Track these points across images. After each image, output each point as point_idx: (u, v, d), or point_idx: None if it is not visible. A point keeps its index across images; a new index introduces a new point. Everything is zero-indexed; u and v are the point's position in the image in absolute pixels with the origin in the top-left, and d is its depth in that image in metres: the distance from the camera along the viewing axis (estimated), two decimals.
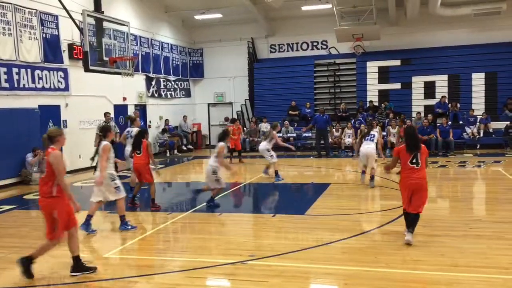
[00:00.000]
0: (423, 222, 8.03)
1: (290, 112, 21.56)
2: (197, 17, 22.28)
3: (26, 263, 5.65)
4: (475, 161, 15.79)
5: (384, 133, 18.67)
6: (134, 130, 11.18)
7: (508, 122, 18.50)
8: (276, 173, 12.83)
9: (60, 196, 5.55)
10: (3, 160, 12.77)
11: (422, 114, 19.41)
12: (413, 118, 19.26)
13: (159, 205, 9.54)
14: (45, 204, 5.61)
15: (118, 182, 7.81)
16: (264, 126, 21.18)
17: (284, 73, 22.51)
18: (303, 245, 6.74)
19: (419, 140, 6.88)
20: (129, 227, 7.94)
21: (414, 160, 6.66)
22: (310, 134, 19.97)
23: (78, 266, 5.78)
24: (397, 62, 21.50)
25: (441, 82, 20.74)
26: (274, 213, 8.83)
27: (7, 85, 12.88)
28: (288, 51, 23.57)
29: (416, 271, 5.62)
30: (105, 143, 7.65)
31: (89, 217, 7.83)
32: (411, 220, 6.74)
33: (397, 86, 21.40)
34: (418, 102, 20.87)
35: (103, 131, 8.06)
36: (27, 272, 5.65)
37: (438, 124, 18.54)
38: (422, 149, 6.71)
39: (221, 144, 9.52)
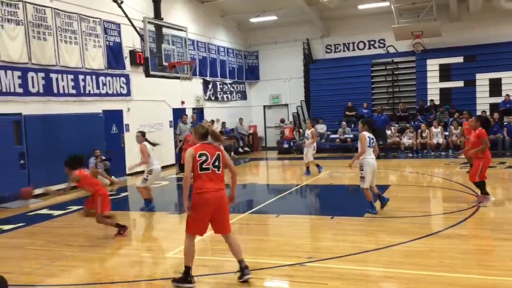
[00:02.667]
0: (492, 225, 7.69)
1: (347, 112, 21.23)
2: (253, 20, 22.46)
3: (244, 269, 5.47)
4: None
5: (446, 133, 18.04)
6: None
7: None
8: None
9: None
10: None
11: (488, 113, 18.51)
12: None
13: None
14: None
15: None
16: (320, 128, 21.03)
17: (341, 73, 22.21)
18: (362, 247, 6.61)
19: None
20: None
21: None
22: None
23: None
24: (459, 59, 20.63)
25: (508, 79, 19.66)
26: (332, 215, 8.71)
27: (74, 91, 13.54)
28: (344, 51, 23.24)
29: (484, 276, 5.36)
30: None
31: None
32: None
33: (460, 84, 20.53)
34: (483, 100, 19.89)
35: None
36: (245, 272, 5.45)
37: (505, 123, 17.62)
38: None
39: (362, 134, 8.71)
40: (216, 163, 5.38)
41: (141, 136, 10.11)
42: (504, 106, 18.69)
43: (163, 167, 16.98)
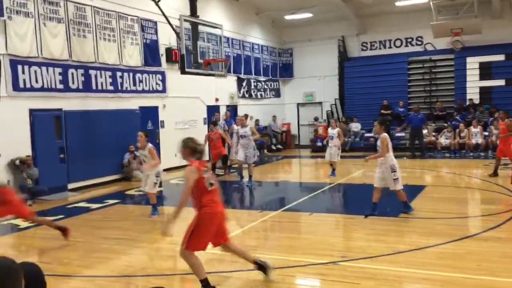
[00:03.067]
0: None
1: (382, 111, 20.88)
2: (287, 17, 22.38)
3: (264, 266, 5.47)
4: None
5: (486, 133, 17.52)
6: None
7: None
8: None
9: None
10: (108, 157, 13.73)
11: None
12: None
13: None
14: None
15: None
16: (355, 126, 20.81)
17: (376, 71, 21.84)
18: (396, 248, 6.50)
19: None
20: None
21: None
22: (403, 134, 19.24)
23: None
24: (501, 57, 19.97)
25: None
26: (366, 215, 8.60)
27: (112, 88, 13.84)
28: (380, 48, 22.87)
29: None
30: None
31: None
32: None
33: (501, 82, 19.88)
34: None
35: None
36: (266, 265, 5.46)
37: None
38: None
39: (383, 135, 8.37)
40: (215, 177, 5.29)
41: (145, 136, 9.29)
42: None
43: None
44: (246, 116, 19.00)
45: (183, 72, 13.37)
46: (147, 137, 9.31)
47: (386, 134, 8.34)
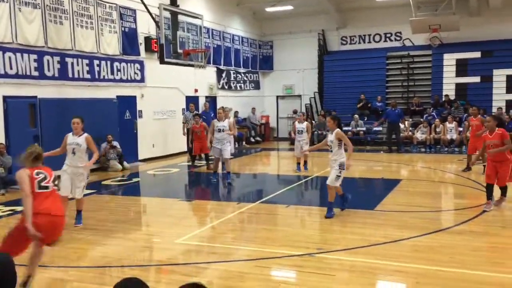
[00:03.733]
0: (503, 223, 7.63)
1: (359, 105, 21.06)
2: (268, 9, 22.30)
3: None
4: None
5: (461, 129, 17.84)
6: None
7: None
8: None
9: None
10: None
11: (504, 110, 18.27)
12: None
13: None
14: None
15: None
16: None
17: (355, 66, 21.99)
18: (372, 240, 6.59)
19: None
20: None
21: None
22: (380, 129, 19.47)
23: None
24: (477, 54, 20.33)
25: None
26: (342, 207, 8.67)
27: (88, 76, 13.59)
28: (359, 43, 23.00)
29: (495, 273, 5.31)
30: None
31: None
32: None
33: (477, 79, 20.25)
34: (500, 97, 19.61)
35: None
36: None
37: None
38: None
39: (338, 130, 8.14)
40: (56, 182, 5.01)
41: (82, 123, 8.43)
42: None
43: (176, 154, 17.16)
44: (222, 108, 18.81)
45: (162, 61, 13.22)
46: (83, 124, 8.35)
47: (339, 129, 8.16)
